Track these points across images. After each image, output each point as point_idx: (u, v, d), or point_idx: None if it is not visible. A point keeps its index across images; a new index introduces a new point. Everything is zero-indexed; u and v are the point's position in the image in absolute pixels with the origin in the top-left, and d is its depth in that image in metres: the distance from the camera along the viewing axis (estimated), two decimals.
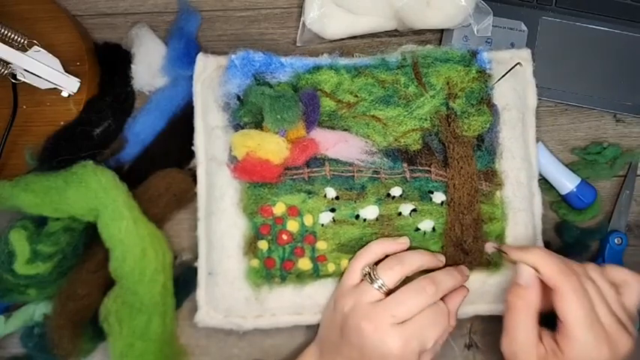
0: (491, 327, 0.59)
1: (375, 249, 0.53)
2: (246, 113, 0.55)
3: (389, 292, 0.51)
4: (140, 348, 0.54)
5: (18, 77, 0.57)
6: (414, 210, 0.55)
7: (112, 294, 0.54)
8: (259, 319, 0.55)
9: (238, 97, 0.55)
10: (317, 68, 0.56)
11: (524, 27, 0.63)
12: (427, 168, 0.55)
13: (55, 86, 0.58)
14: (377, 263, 0.53)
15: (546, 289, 0.48)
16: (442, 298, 0.52)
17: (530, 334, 0.48)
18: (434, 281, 0.51)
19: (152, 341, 0.54)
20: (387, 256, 0.53)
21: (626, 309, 0.49)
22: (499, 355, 0.58)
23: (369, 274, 0.51)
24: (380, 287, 0.51)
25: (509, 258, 0.50)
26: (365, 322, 0.49)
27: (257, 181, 0.54)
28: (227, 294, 0.54)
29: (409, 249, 0.54)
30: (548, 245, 0.59)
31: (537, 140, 0.60)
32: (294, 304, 0.54)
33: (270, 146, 0.52)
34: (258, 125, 0.54)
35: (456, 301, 0.53)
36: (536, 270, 0.48)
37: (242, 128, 0.54)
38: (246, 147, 0.52)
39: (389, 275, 0.51)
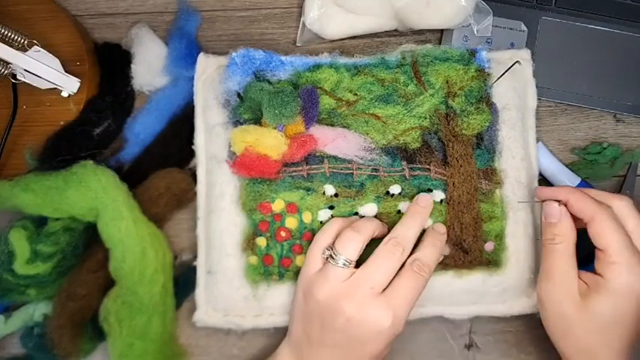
0: (491, 327, 0.59)
1: (329, 230, 0.52)
2: (246, 110, 0.55)
3: (357, 265, 0.50)
4: (140, 348, 0.53)
5: (18, 77, 0.57)
6: None
7: (112, 294, 0.54)
8: (258, 318, 0.55)
9: (238, 95, 0.55)
10: (317, 66, 0.56)
11: (524, 27, 0.63)
12: (426, 166, 0.55)
13: (55, 86, 0.58)
14: None
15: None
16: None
17: (571, 271, 0.48)
18: (398, 241, 0.50)
19: (152, 341, 0.54)
20: None
21: None
22: (499, 355, 0.59)
23: (331, 255, 0.50)
24: (345, 263, 0.49)
25: (540, 198, 0.51)
26: (345, 301, 0.48)
27: (256, 177, 0.54)
28: (226, 293, 0.54)
29: None
30: None
31: (537, 140, 0.60)
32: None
33: (269, 141, 0.52)
34: (258, 122, 0.54)
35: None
36: (568, 205, 0.49)
37: (242, 125, 0.54)
38: (245, 142, 0.52)
39: (348, 248, 0.50)
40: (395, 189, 0.55)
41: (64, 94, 0.59)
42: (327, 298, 0.49)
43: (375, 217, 0.54)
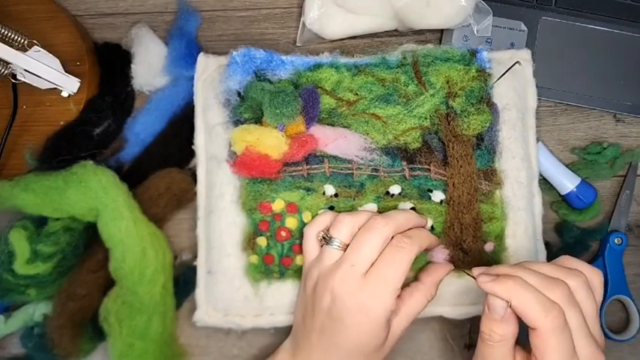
0: None
1: (320, 219, 0.52)
2: (246, 109, 0.55)
3: None
4: (140, 348, 0.53)
5: (18, 77, 0.57)
6: (412, 208, 0.54)
7: (112, 294, 0.54)
8: (258, 318, 0.55)
9: (239, 94, 0.55)
10: (317, 66, 0.56)
11: (524, 27, 0.63)
12: (426, 166, 0.55)
13: (55, 86, 0.58)
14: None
15: None
16: (422, 274, 0.52)
17: None
18: (382, 215, 0.50)
19: (152, 341, 0.54)
20: None
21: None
22: None
23: (324, 237, 0.51)
24: (338, 246, 0.50)
25: (481, 288, 0.44)
26: (331, 279, 0.48)
27: (256, 176, 0.54)
28: (226, 293, 0.54)
29: None
30: (548, 246, 0.59)
31: (537, 140, 0.60)
32: (293, 302, 0.54)
33: (269, 141, 0.52)
34: (258, 121, 0.54)
35: (436, 275, 0.52)
36: (511, 305, 0.43)
37: (242, 124, 0.54)
38: (245, 141, 0.52)
39: (341, 229, 0.50)
40: (395, 189, 0.55)
41: (64, 94, 0.59)
42: (318, 277, 0.50)
43: None
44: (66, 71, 0.58)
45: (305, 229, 0.53)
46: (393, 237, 0.50)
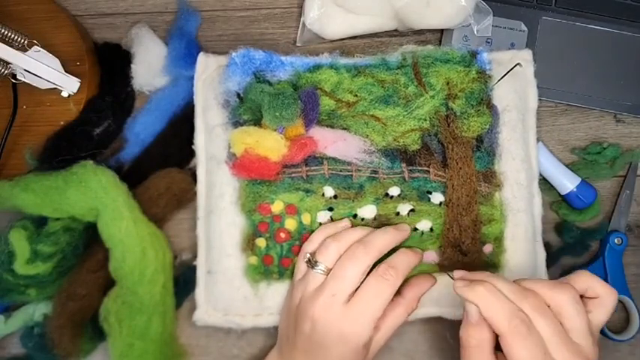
0: None
1: (315, 237, 0.53)
2: (245, 111, 0.55)
3: None
4: (140, 348, 0.54)
5: (18, 77, 0.57)
6: (412, 210, 0.54)
7: (112, 294, 0.54)
8: (258, 317, 0.55)
9: (238, 95, 0.55)
10: (317, 67, 0.56)
11: (524, 27, 0.63)
12: (426, 168, 0.55)
13: (55, 86, 0.58)
14: None
15: None
16: (405, 288, 0.52)
17: None
18: (363, 243, 0.51)
19: (152, 341, 0.54)
20: None
21: (592, 329, 0.45)
22: None
23: (309, 260, 0.52)
24: (322, 271, 0.50)
25: (456, 291, 0.46)
26: (311, 308, 0.49)
27: (255, 178, 0.54)
28: (226, 292, 0.54)
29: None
30: (548, 246, 0.59)
31: (537, 140, 0.60)
32: None
33: (269, 143, 0.52)
34: (257, 123, 0.54)
35: (419, 289, 0.53)
36: (481, 310, 0.44)
37: (242, 126, 0.54)
38: (245, 144, 0.52)
39: (326, 255, 0.51)
40: (394, 191, 0.55)
41: (64, 94, 0.59)
42: (301, 299, 0.51)
43: (374, 218, 0.54)
44: (66, 71, 0.58)
45: (304, 245, 0.53)
46: (380, 265, 0.50)
